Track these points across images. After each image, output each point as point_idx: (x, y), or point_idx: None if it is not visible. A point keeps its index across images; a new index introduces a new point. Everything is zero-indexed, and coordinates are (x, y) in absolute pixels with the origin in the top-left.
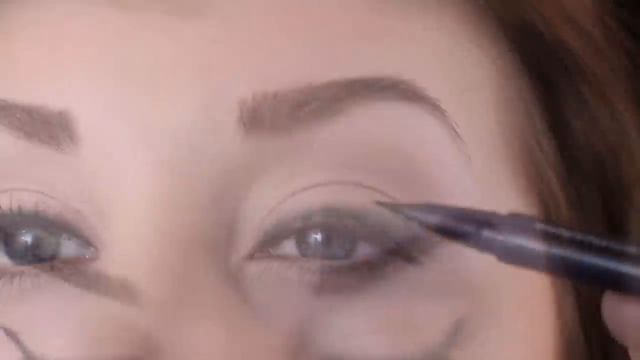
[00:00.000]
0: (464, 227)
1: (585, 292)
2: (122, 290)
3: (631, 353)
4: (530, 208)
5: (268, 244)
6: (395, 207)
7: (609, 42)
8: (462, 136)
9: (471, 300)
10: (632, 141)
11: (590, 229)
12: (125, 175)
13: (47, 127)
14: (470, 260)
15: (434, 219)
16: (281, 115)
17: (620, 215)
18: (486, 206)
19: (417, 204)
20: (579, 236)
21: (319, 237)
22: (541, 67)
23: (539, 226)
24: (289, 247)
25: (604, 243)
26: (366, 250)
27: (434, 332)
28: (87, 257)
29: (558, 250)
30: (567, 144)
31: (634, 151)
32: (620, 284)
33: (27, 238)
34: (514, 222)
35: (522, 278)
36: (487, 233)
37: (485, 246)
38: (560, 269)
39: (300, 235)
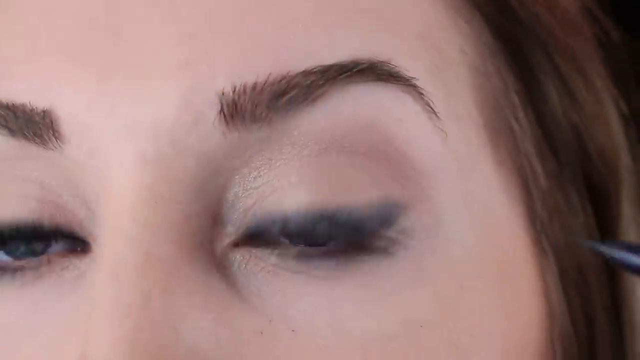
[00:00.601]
0: None
1: (565, 259)
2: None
3: None
4: (508, 181)
5: (252, 231)
6: (594, 245)
7: (582, 15)
8: (439, 113)
9: (452, 276)
10: (608, 112)
11: (568, 201)
12: (110, 170)
13: (31, 126)
14: (448, 237)
15: (635, 259)
16: (261, 105)
17: (599, 185)
18: (464, 179)
19: (617, 242)
20: None
21: (301, 221)
22: (517, 42)
23: None
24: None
25: None
26: (347, 236)
27: (412, 314)
28: (79, 249)
29: None
30: (545, 117)
31: (610, 122)
32: None
33: None
34: None
35: (503, 251)
36: None
37: None
38: None
39: (283, 221)
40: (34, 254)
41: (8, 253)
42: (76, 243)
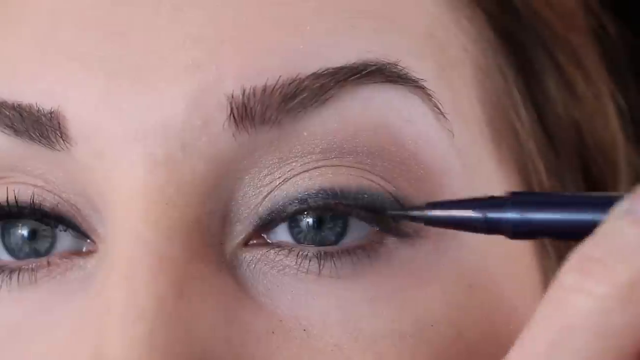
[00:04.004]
0: (469, 215)
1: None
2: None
3: None
4: (510, 179)
5: (262, 230)
6: (399, 214)
7: (580, 9)
8: (445, 113)
9: (461, 275)
10: (606, 105)
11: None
12: (119, 172)
13: (37, 126)
14: (457, 236)
15: (439, 214)
16: (271, 108)
17: (597, 177)
18: (469, 178)
19: (418, 205)
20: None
21: (310, 220)
22: (517, 38)
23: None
24: (281, 233)
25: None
26: (356, 234)
27: (423, 314)
28: (84, 250)
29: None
30: (546, 114)
31: (609, 115)
32: None
33: (23, 231)
34: (515, 200)
35: (507, 249)
36: (493, 215)
37: (494, 228)
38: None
39: (292, 219)
40: (37, 254)
41: (10, 252)
42: (79, 242)
